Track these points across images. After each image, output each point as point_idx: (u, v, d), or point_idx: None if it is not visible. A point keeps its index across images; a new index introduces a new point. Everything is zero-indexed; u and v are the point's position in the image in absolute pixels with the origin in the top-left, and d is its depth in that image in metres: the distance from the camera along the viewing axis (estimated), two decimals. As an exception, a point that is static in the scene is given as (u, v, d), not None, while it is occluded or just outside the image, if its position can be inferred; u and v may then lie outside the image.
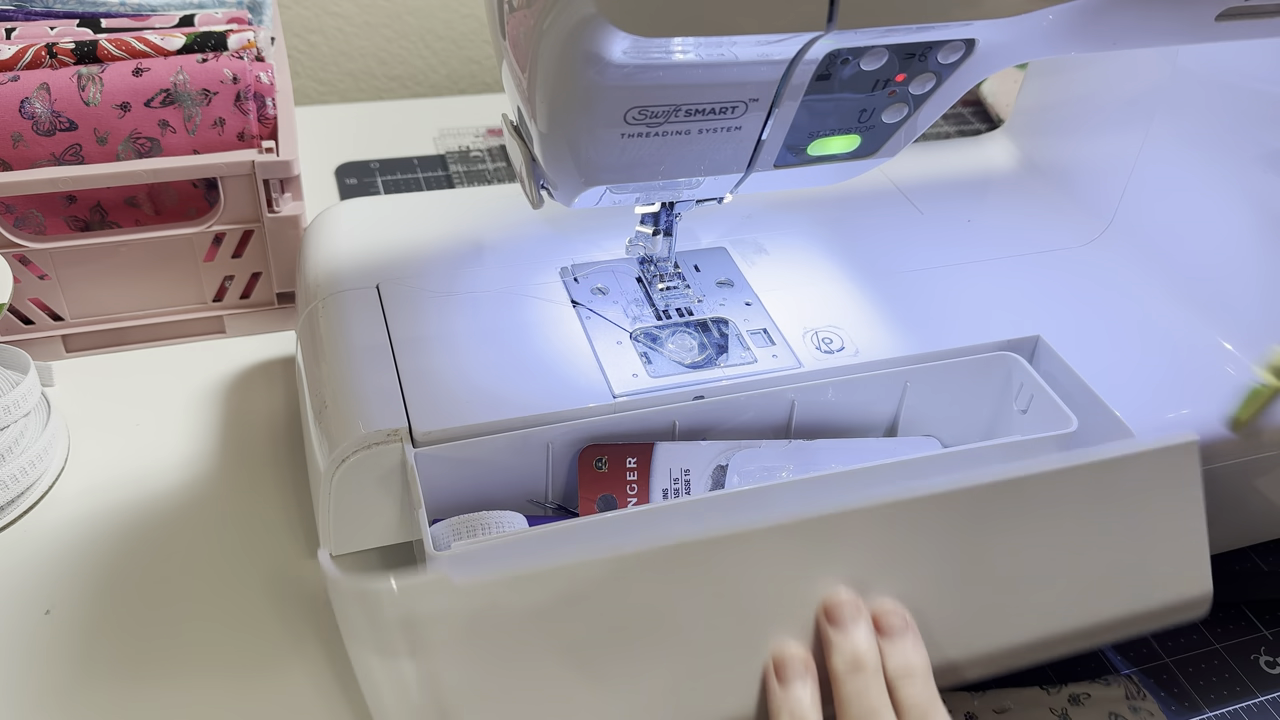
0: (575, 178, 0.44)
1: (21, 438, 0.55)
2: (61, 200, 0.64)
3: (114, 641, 0.50)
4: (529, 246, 0.58)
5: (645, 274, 0.56)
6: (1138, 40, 0.44)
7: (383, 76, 1.03)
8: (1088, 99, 0.65)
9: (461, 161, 0.85)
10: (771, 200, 0.63)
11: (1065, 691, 0.50)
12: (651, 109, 0.41)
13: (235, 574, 0.53)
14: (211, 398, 0.63)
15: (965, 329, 0.54)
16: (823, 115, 0.44)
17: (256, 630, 0.51)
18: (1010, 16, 0.38)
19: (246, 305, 0.67)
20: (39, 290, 0.62)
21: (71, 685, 0.48)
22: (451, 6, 1.00)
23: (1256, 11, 0.44)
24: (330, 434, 0.47)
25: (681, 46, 0.38)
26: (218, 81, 0.61)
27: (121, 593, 0.52)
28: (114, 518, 0.55)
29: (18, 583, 0.52)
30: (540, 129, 0.42)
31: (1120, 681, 0.50)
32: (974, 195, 0.67)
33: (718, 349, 0.52)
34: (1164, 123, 0.59)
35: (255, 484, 0.58)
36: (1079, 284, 0.59)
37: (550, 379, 0.50)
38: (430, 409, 0.47)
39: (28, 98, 0.59)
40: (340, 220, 0.59)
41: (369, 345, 0.50)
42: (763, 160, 0.46)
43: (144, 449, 0.59)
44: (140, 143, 0.62)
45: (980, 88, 0.97)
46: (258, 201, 0.62)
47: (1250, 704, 0.51)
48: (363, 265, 0.55)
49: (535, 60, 0.40)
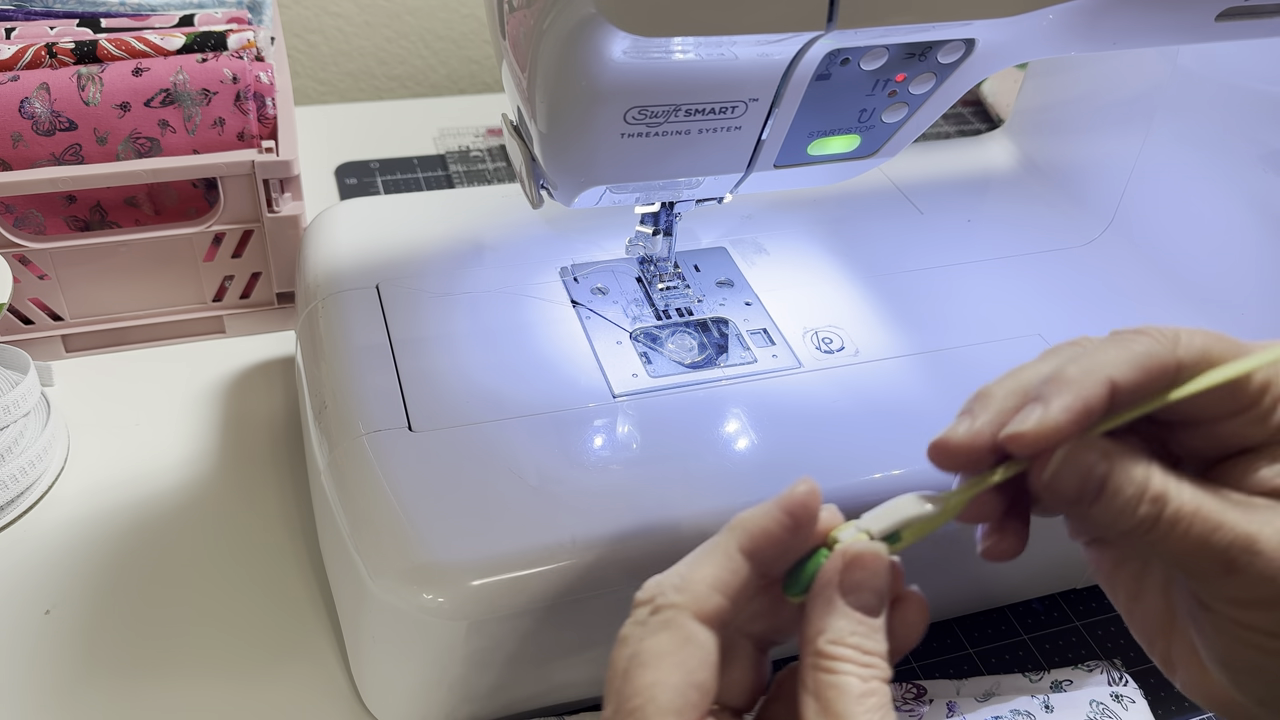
0: (575, 178, 0.44)
1: (21, 438, 0.55)
2: (61, 200, 0.64)
3: (114, 641, 0.50)
4: (529, 246, 0.58)
5: (645, 274, 0.56)
6: (1138, 40, 0.44)
7: (383, 76, 1.03)
8: (1088, 99, 0.65)
9: (461, 161, 0.85)
10: (771, 200, 0.63)
11: (1048, 677, 0.50)
12: (651, 109, 0.41)
13: (235, 574, 0.53)
14: (211, 398, 0.63)
15: (965, 329, 0.54)
16: (823, 115, 0.44)
17: (256, 630, 0.51)
18: (1010, 16, 0.38)
19: (246, 305, 0.67)
20: (39, 290, 0.62)
21: (71, 685, 0.48)
22: (451, 6, 1.00)
23: (1256, 11, 0.44)
24: (330, 434, 0.47)
25: (681, 46, 0.38)
26: (217, 81, 0.61)
27: (121, 593, 0.52)
28: (114, 518, 0.55)
29: (18, 583, 0.52)
30: (540, 129, 0.42)
31: (1103, 667, 0.50)
32: (974, 195, 0.67)
33: (718, 349, 0.52)
34: (1164, 123, 0.59)
35: (255, 484, 0.58)
36: (1079, 284, 0.59)
37: (550, 379, 0.50)
38: (430, 409, 0.47)
39: (27, 97, 0.59)
40: (340, 220, 0.59)
41: (369, 345, 0.50)
42: (763, 160, 0.46)
43: (144, 449, 0.59)
44: (140, 143, 0.62)
45: (980, 88, 0.97)
46: (257, 201, 0.62)
47: (1250, 704, 0.51)
48: (362, 265, 0.55)
49: (535, 60, 0.40)
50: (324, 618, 0.51)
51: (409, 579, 0.41)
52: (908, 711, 0.48)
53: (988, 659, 0.52)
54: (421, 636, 0.42)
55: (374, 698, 0.47)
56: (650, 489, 0.45)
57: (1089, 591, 0.55)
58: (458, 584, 0.41)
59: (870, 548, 0.30)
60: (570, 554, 0.42)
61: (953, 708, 0.48)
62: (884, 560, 0.30)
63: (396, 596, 0.41)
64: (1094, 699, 0.48)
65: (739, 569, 0.29)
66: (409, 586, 0.41)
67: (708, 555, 0.30)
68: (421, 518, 0.43)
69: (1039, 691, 0.49)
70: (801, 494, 0.30)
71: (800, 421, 0.49)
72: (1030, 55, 0.44)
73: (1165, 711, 0.50)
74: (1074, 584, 0.55)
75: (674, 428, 0.48)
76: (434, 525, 0.42)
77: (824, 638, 0.29)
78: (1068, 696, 0.48)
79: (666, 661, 0.28)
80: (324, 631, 0.51)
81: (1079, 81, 0.65)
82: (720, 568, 0.29)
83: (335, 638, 0.50)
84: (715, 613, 0.29)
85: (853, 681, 0.28)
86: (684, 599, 0.29)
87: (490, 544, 0.42)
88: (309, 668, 0.49)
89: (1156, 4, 0.42)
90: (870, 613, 0.29)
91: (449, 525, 0.43)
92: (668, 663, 0.28)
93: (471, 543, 0.42)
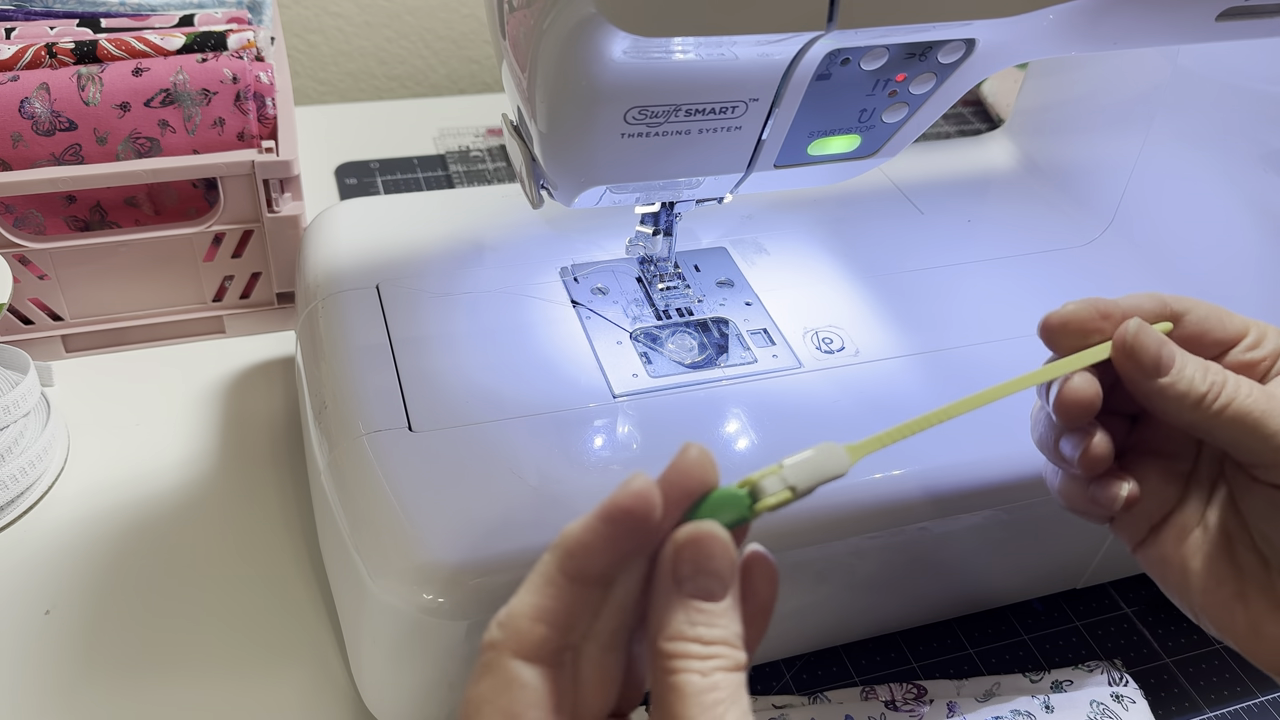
0: (575, 178, 0.44)
1: (21, 438, 0.55)
2: (61, 200, 0.64)
3: (114, 642, 0.50)
4: (529, 246, 0.58)
5: (645, 274, 0.56)
6: (1138, 40, 0.44)
7: (382, 76, 1.03)
8: (1088, 99, 0.65)
9: (461, 161, 0.85)
10: (771, 200, 0.63)
11: (1049, 678, 0.50)
12: (651, 109, 0.41)
13: (235, 574, 0.53)
14: (211, 398, 0.63)
15: (965, 329, 0.54)
16: (823, 115, 0.44)
17: (256, 630, 0.51)
18: (1010, 16, 0.38)
19: (246, 305, 0.67)
20: (39, 290, 0.62)
21: (71, 685, 0.48)
22: (451, 6, 1.00)
23: (1256, 11, 0.44)
24: (330, 434, 0.47)
25: (681, 46, 0.38)
26: (217, 81, 0.61)
27: (121, 593, 0.52)
28: (114, 518, 0.55)
29: (18, 583, 0.52)
30: (540, 129, 0.42)
31: (1104, 667, 0.50)
32: (974, 195, 0.67)
33: (718, 349, 0.52)
34: (1164, 123, 0.59)
35: (255, 484, 0.58)
36: (1079, 284, 0.59)
37: (550, 379, 0.50)
38: (430, 409, 0.47)
39: (27, 97, 0.59)
40: (340, 220, 0.59)
41: (369, 345, 0.50)
42: (763, 160, 0.46)
43: (144, 449, 0.59)
44: (140, 143, 0.62)
45: (980, 88, 0.97)
46: (257, 201, 0.62)
47: (1250, 704, 0.51)
48: (362, 265, 0.55)
49: (535, 60, 0.40)
50: (324, 618, 0.51)
51: (409, 579, 0.41)
52: (908, 711, 0.48)
53: (988, 659, 0.52)
54: (421, 636, 0.42)
55: (374, 698, 0.47)
56: (650, 489, 0.45)
57: (1089, 591, 0.55)
58: (458, 584, 0.41)
59: (703, 530, 0.27)
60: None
61: (953, 708, 0.48)
62: (723, 543, 0.27)
63: (396, 596, 0.41)
64: (1094, 699, 0.48)
65: (562, 592, 0.27)
66: (409, 586, 0.41)
67: (530, 582, 0.28)
68: (421, 518, 0.42)
69: (1039, 692, 0.49)
70: (625, 500, 0.27)
71: (800, 422, 0.49)
72: (1030, 55, 0.44)
73: (1165, 711, 0.50)
74: (1074, 584, 0.55)
75: (674, 428, 0.48)
76: (434, 525, 0.42)
77: (662, 635, 0.27)
78: (1068, 697, 0.48)
79: (489, 709, 0.26)
80: (324, 631, 0.51)
81: (1079, 81, 0.65)
82: (541, 595, 0.27)
83: (335, 638, 0.50)
84: (539, 646, 0.27)
85: (692, 679, 0.26)
86: (503, 636, 0.27)
87: (490, 544, 0.42)
88: (309, 667, 0.49)
89: (1156, 4, 0.42)
90: (712, 597, 0.27)
91: (449, 525, 0.42)
92: (489, 710, 0.26)
93: (471, 543, 0.42)
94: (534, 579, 0.28)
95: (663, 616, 0.27)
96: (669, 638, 0.27)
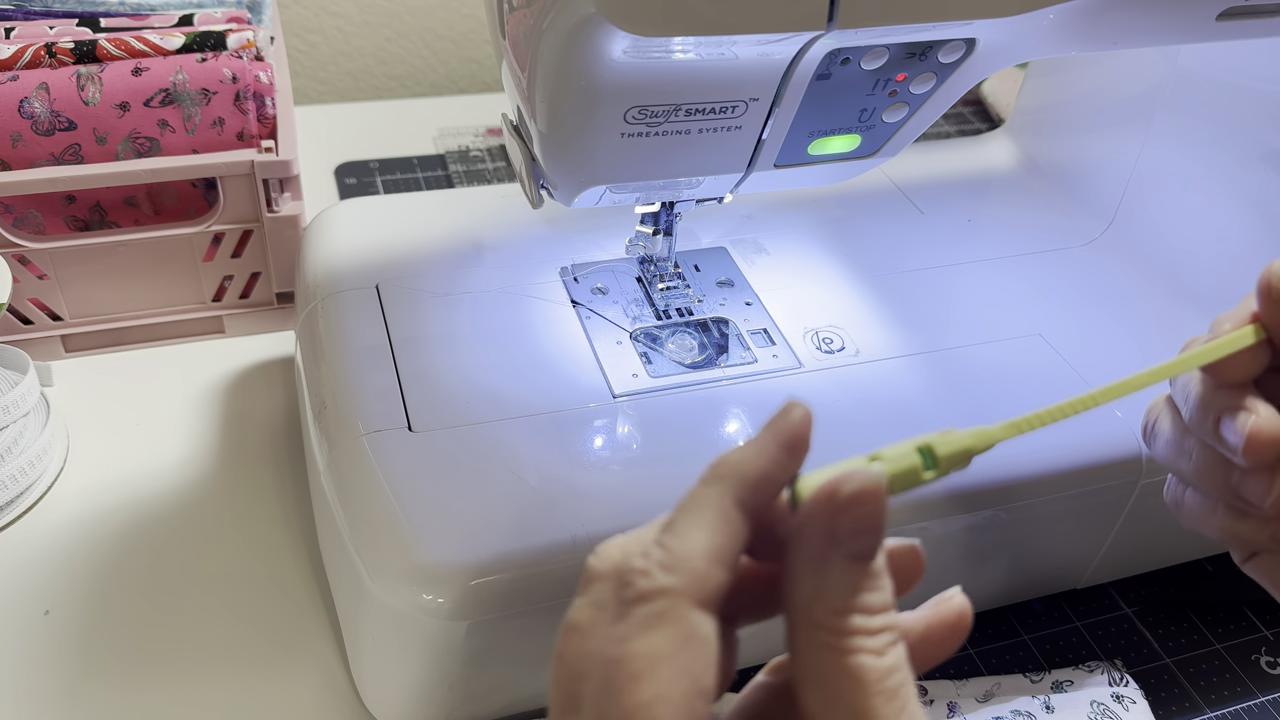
0: (575, 177, 0.44)
1: (21, 438, 0.55)
2: (61, 200, 0.64)
3: (114, 642, 0.50)
4: (529, 246, 0.58)
5: (645, 274, 0.56)
6: (1138, 40, 0.44)
7: (382, 76, 1.03)
8: (1088, 99, 0.65)
9: (461, 161, 0.85)
10: (771, 200, 0.63)
11: (1049, 678, 0.50)
12: (651, 109, 0.41)
13: (235, 574, 0.53)
14: (211, 398, 0.63)
15: (965, 329, 0.54)
16: (823, 115, 0.44)
17: (256, 630, 0.51)
18: (1010, 16, 0.38)
19: (246, 305, 0.67)
20: (38, 290, 0.62)
21: (71, 685, 0.48)
22: (451, 6, 1.00)
23: (1256, 11, 0.44)
24: (330, 434, 0.47)
25: (681, 46, 0.38)
26: (217, 81, 0.61)
27: (121, 593, 0.52)
28: (114, 518, 0.55)
29: (18, 583, 0.52)
30: (540, 129, 0.42)
31: (1104, 667, 0.50)
32: (974, 195, 0.67)
33: (718, 349, 0.52)
34: (1164, 123, 0.59)
35: (255, 484, 0.58)
36: (1079, 284, 0.59)
37: (550, 379, 0.50)
38: (430, 409, 0.47)
39: (27, 97, 0.59)
40: (339, 220, 0.59)
41: (368, 345, 0.50)
42: (763, 160, 0.45)
43: (143, 449, 0.59)
44: (139, 142, 0.62)
45: (980, 88, 0.97)
46: (257, 201, 0.62)
47: (1250, 704, 0.51)
48: (362, 265, 0.55)
49: (535, 60, 0.40)
50: (324, 618, 0.51)
51: (409, 579, 0.41)
52: None
53: (988, 659, 0.52)
54: (421, 636, 0.42)
55: (374, 698, 0.47)
56: (650, 489, 0.45)
57: (1089, 591, 0.55)
58: (458, 584, 0.41)
59: (870, 480, 0.23)
60: (570, 554, 0.42)
61: (953, 708, 0.48)
62: (884, 491, 0.24)
63: (396, 596, 0.41)
64: (1095, 699, 0.48)
65: (739, 531, 0.23)
66: (409, 586, 0.41)
67: (697, 518, 0.23)
68: (421, 518, 0.42)
69: (1040, 692, 0.49)
70: (797, 420, 0.24)
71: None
72: (1030, 55, 0.44)
73: (1165, 712, 0.50)
74: (1074, 584, 0.55)
75: (674, 428, 0.48)
76: (434, 525, 0.42)
77: (820, 605, 0.23)
78: (1068, 697, 0.48)
79: (666, 669, 0.21)
80: (324, 631, 0.51)
81: (1079, 81, 0.65)
82: (717, 532, 0.23)
83: (335, 638, 0.50)
84: (718, 593, 0.23)
85: (868, 661, 0.22)
86: (680, 582, 0.22)
87: (490, 544, 0.42)
88: (309, 667, 0.49)
89: (1156, 4, 0.42)
90: (870, 557, 0.23)
91: (449, 525, 0.42)
92: (668, 671, 0.21)
93: (471, 543, 0.42)
94: (699, 514, 0.23)
95: (819, 583, 0.23)
96: (832, 609, 0.23)
